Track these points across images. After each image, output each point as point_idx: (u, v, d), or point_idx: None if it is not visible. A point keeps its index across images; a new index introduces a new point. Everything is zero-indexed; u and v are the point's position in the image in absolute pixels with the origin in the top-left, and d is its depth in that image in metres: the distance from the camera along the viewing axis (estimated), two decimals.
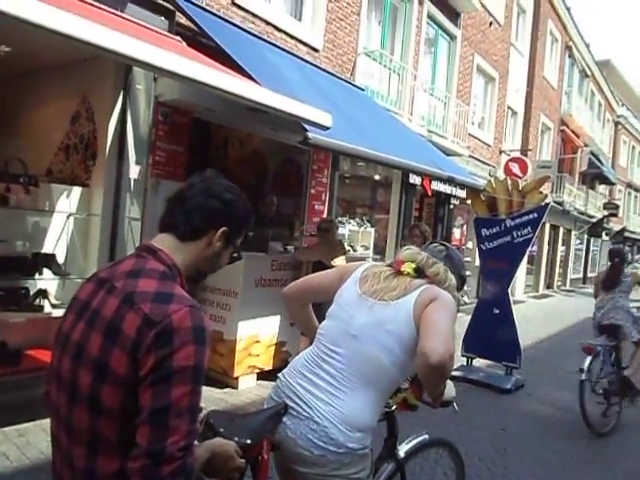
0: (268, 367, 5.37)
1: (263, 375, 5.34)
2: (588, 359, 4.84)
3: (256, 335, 5.21)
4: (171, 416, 1.13)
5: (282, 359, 5.53)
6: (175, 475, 1.12)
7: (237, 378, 5.09)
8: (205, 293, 5.31)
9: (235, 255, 1.51)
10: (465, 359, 6.63)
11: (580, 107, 21.50)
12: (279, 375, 1.90)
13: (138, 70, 4.84)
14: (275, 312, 5.40)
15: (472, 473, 3.78)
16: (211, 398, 4.78)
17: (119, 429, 1.18)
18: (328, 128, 3.96)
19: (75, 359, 1.25)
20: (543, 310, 14.18)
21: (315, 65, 7.48)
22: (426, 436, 2.42)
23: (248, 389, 5.12)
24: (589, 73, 22.76)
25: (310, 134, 4.07)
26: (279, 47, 6.75)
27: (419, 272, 1.83)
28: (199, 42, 5.40)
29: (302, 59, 7.21)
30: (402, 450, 2.30)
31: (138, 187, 5.14)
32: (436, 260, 1.87)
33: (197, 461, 1.25)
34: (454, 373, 6.41)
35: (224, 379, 5.11)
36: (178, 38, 5.00)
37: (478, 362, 6.72)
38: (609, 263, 5.64)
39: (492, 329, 6.30)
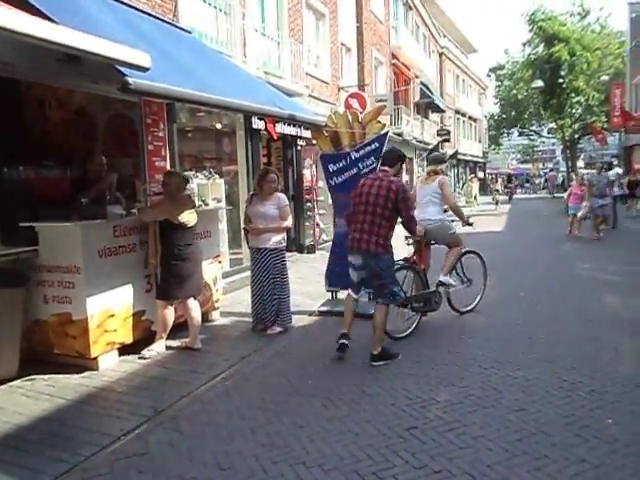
0: (129, 340, 5.00)
1: (126, 350, 4.98)
2: None
3: (109, 309, 4.79)
4: (411, 204, 5.24)
5: (144, 329, 5.18)
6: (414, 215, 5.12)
7: (96, 359, 4.67)
8: (41, 274, 4.71)
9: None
10: (330, 294, 6.79)
11: (408, 40, 22.52)
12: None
13: None
14: (127, 281, 4.99)
15: (348, 398, 3.92)
16: (70, 385, 4.34)
17: (388, 215, 4.72)
18: (147, 69, 3.53)
19: (375, 197, 4.71)
20: None
21: (131, 6, 6.76)
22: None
23: (110, 368, 4.72)
24: (412, 5, 23.79)
25: (130, 79, 3.62)
26: None
27: (435, 172, 6.12)
28: None
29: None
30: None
31: None
32: (434, 165, 6.38)
33: None
34: (321, 309, 6.60)
35: (81, 362, 4.64)
36: None
37: (342, 294, 6.90)
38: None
39: None
